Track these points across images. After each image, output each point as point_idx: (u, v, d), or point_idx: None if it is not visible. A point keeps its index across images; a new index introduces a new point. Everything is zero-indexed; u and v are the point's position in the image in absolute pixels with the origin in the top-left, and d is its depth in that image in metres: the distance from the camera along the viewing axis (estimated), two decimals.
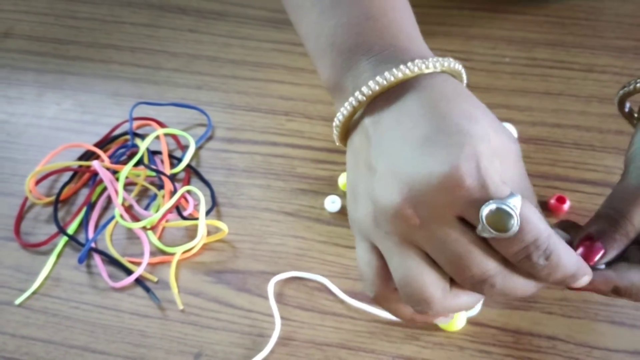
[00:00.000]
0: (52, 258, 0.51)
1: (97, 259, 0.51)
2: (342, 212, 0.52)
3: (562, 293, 0.46)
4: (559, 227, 0.35)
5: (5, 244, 0.53)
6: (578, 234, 0.34)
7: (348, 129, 0.36)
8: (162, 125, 0.59)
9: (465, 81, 0.36)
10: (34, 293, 0.50)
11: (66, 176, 0.56)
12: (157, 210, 0.52)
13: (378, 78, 0.33)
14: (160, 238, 0.52)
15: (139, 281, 0.49)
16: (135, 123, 0.59)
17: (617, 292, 0.33)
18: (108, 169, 0.54)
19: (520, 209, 0.29)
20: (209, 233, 0.52)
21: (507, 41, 0.63)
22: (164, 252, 0.51)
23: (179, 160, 0.56)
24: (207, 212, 0.53)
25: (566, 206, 0.50)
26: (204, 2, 0.71)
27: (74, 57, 0.67)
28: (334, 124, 0.36)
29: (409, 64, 0.33)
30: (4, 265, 0.51)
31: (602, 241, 0.33)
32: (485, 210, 0.29)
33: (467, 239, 0.30)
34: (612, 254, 0.33)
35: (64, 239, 0.52)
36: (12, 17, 0.71)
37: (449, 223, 0.30)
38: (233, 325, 0.47)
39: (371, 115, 0.34)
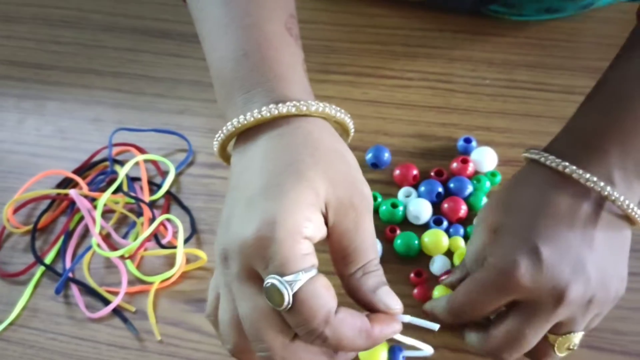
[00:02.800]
0: (29, 288, 0.51)
1: (74, 289, 0.50)
2: None
3: None
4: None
5: None
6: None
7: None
8: (142, 151, 0.59)
9: (339, 116, 0.38)
10: (10, 324, 0.49)
11: (44, 204, 0.56)
12: (135, 239, 0.52)
13: (238, 119, 0.36)
14: (138, 267, 0.51)
15: (117, 311, 0.49)
16: (115, 149, 0.59)
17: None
18: (86, 196, 0.54)
19: (302, 288, 0.30)
20: (188, 261, 0.51)
21: (488, 63, 0.63)
22: (142, 281, 0.50)
23: (159, 186, 0.56)
24: (187, 240, 0.52)
25: None
26: (188, 25, 0.69)
27: (55, 83, 0.66)
28: (214, 149, 0.39)
29: (264, 109, 0.35)
30: None
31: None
32: (265, 283, 0.31)
33: (258, 301, 0.32)
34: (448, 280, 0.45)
35: (42, 268, 0.51)
36: None
37: (247, 283, 0.32)
38: (213, 356, 0.47)
39: (235, 151, 0.37)
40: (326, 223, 0.33)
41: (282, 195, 0.32)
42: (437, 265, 0.48)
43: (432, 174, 0.54)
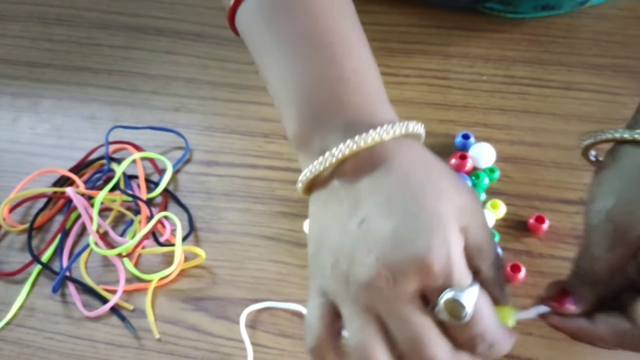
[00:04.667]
0: (26, 287, 0.50)
1: (71, 288, 0.50)
2: None
3: None
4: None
5: None
6: (551, 286, 0.37)
7: (313, 184, 0.37)
8: (138, 148, 0.58)
9: (423, 139, 0.38)
10: (7, 324, 0.49)
11: (41, 202, 0.55)
12: (133, 237, 0.52)
13: (349, 142, 0.34)
14: (136, 265, 0.51)
15: (115, 310, 0.48)
16: (112, 147, 0.58)
17: (594, 340, 0.36)
18: (83, 194, 0.53)
19: (476, 300, 0.32)
20: (186, 259, 0.51)
21: (485, 59, 0.63)
22: (140, 280, 0.50)
23: (156, 184, 0.56)
24: (185, 238, 0.52)
25: (545, 226, 0.50)
26: (182, 23, 0.71)
27: (49, 81, 0.66)
28: (300, 177, 0.37)
29: (378, 129, 0.34)
30: None
31: (573, 296, 0.36)
32: (445, 297, 0.31)
33: (426, 319, 0.32)
34: (581, 308, 0.36)
35: (38, 267, 0.51)
36: None
37: (414, 302, 0.32)
38: (211, 355, 0.46)
39: (342, 178, 0.35)
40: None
41: (440, 215, 0.32)
42: None
43: None
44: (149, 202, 0.54)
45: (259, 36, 0.40)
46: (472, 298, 0.32)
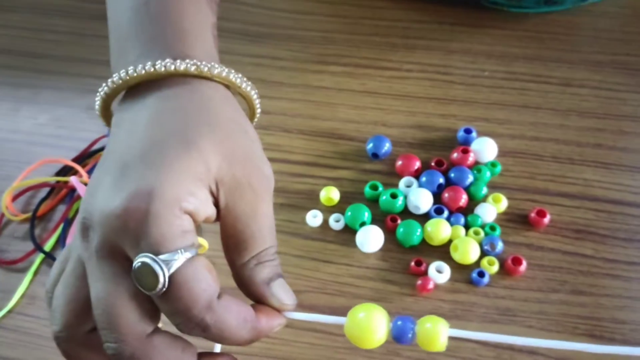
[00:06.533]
0: (28, 276, 0.50)
1: None
2: (323, 226, 0.52)
3: (540, 306, 0.46)
4: None
5: None
6: None
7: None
8: None
9: (245, 87, 0.34)
10: (9, 312, 0.49)
11: (43, 192, 0.55)
12: None
13: (127, 70, 0.31)
14: None
15: None
16: None
17: None
18: (86, 184, 0.53)
19: (180, 269, 0.26)
20: None
21: (487, 55, 0.63)
22: None
23: None
24: None
25: (546, 220, 0.50)
26: None
27: (50, 71, 0.66)
28: (107, 82, 0.33)
29: (158, 63, 0.30)
30: None
31: None
32: (135, 262, 0.26)
33: (117, 279, 0.27)
34: None
35: (41, 256, 0.51)
36: None
37: (109, 260, 0.27)
38: (210, 343, 0.46)
39: (119, 110, 0.32)
40: (217, 203, 0.29)
41: (163, 163, 0.27)
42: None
43: (433, 164, 0.54)
44: None
45: None
46: (170, 266, 0.26)
